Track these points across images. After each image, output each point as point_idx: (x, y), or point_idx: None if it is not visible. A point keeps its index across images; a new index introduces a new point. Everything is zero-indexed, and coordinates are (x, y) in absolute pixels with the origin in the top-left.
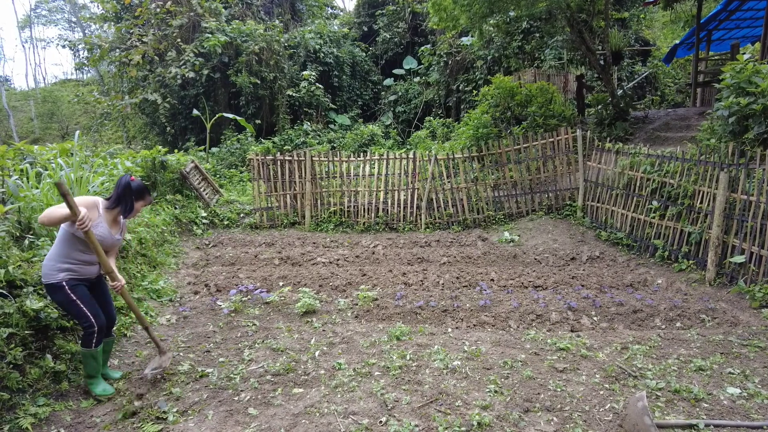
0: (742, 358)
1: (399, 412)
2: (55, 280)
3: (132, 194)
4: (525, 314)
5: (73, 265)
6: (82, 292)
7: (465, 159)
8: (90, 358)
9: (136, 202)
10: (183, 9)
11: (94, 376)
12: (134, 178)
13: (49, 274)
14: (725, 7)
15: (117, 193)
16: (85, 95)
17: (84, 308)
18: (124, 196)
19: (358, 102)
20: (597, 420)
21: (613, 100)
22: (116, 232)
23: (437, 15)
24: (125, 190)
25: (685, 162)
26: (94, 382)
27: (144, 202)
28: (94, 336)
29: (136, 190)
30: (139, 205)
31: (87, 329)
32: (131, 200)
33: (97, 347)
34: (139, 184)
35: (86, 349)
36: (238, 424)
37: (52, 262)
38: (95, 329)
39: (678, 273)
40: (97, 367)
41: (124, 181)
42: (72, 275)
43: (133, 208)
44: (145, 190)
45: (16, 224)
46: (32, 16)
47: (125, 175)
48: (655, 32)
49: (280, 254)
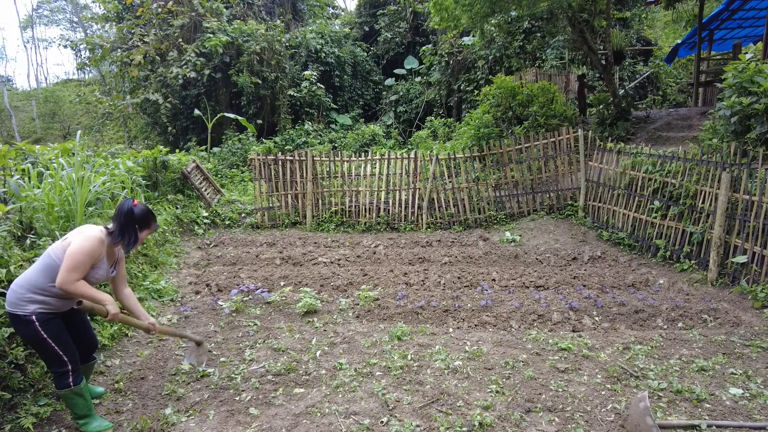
0: (744, 358)
1: (400, 413)
2: (22, 312)
3: (136, 223)
4: (526, 314)
5: (48, 298)
6: (55, 328)
7: (466, 159)
8: (74, 397)
9: (141, 231)
10: (184, 9)
11: (86, 416)
12: (137, 202)
13: (15, 303)
14: (727, 7)
15: (119, 224)
16: (86, 95)
17: (55, 348)
18: (128, 226)
19: (359, 102)
20: (599, 420)
21: (615, 99)
22: (111, 264)
23: (438, 15)
24: (128, 218)
25: (687, 162)
26: (87, 421)
27: (149, 230)
28: (69, 375)
29: (140, 218)
30: (144, 234)
31: (57, 369)
32: (135, 230)
33: (78, 384)
34: (143, 209)
35: (65, 390)
36: (239, 424)
37: (23, 291)
38: (69, 369)
39: (680, 273)
40: (86, 405)
41: (126, 208)
42: (44, 308)
43: (138, 239)
44: (150, 215)
45: (17, 224)
46: (34, 16)
47: (127, 201)
48: (656, 32)
49: (281, 254)
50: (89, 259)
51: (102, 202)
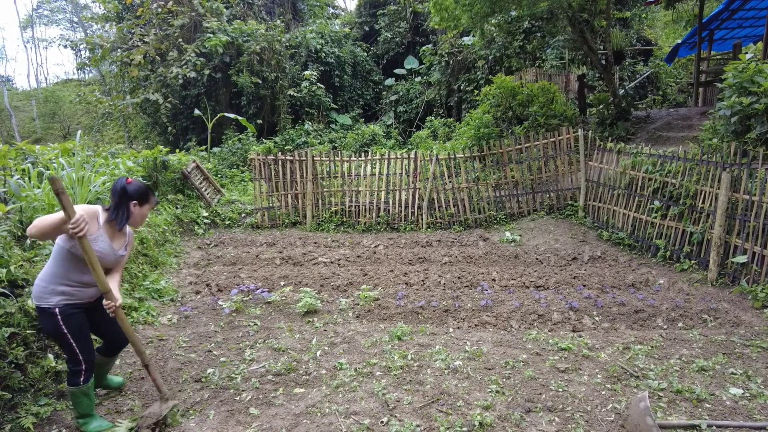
0: (744, 358)
1: (400, 412)
2: (46, 305)
3: (129, 199)
4: (526, 314)
5: (70, 288)
6: (77, 324)
7: (466, 159)
8: (81, 396)
9: (141, 206)
10: (184, 9)
11: (87, 415)
12: (131, 180)
13: (40, 297)
14: (727, 7)
15: (114, 201)
16: (86, 95)
17: (74, 344)
18: (121, 203)
19: (359, 102)
20: (599, 420)
21: (615, 99)
22: (120, 247)
23: (438, 15)
24: (122, 195)
25: (687, 162)
26: (87, 421)
27: (150, 205)
28: (81, 374)
29: (135, 193)
30: (146, 209)
31: (73, 368)
32: (127, 206)
33: (86, 383)
34: (138, 185)
35: (74, 388)
36: (239, 424)
37: (45, 284)
38: (83, 368)
39: (680, 273)
40: (90, 405)
41: (119, 186)
42: (68, 300)
43: (131, 214)
44: (147, 190)
45: (17, 224)
46: (34, 16)
47: (120, 179)
48: (656, 32)
49: (281, 254)
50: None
51: (102, 201)
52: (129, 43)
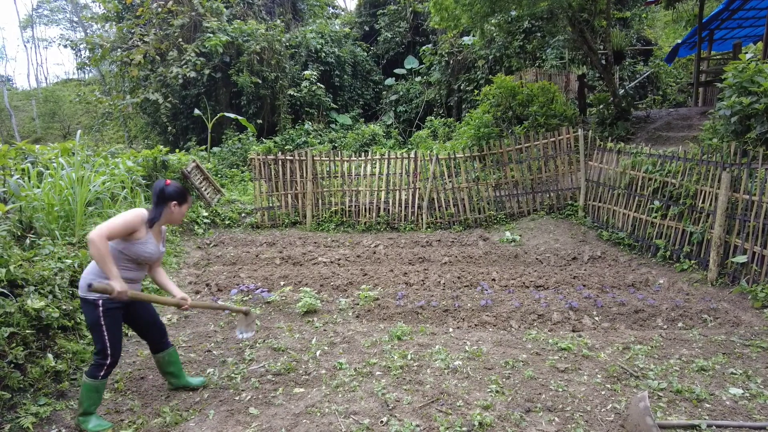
0: (744, 358)
1: (400, 412)
2: (92, 297)
3: (170, 199)
4: (526, 314)
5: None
6: (113, 320)
7: (466, 158)
8: (93, 390)
9: (180, 206)
10: (184, 9)
11: (89, 413)
12: (169, 182)
13: (86, 288)
14: (727, 7)
15: (154, 202)
16: (86, 95)
17: (106, 338)
18: (159, 203)
19: (359, 102)
20: (599, 420)
21: (615, 99)
22: (160, 244)
23: (438, 14)
24: (160, 195)
25: (687, 162)
26: (88, 419)
27: (188, 205)
28: (104, 368)
29: (175, 195)
30: (184, 208)
31: (98, 359)
32: (164, 206)
33: (104, 379)
34: (176, 187)
35: (92, 380)
36: (239, 424)
37: (93, 276)
38: (107, 362)
39: (680, 273)
40: (96, 403)
41: (158, 187)
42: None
43: (171, 213)
44: (185, 191)
45: (17, 223)
46: (34, 16)
47: (160, 181)
48: (656, 32)
49: (281, 254)
50: (123, 226)
51: (102, 201)
52: (129, 43)
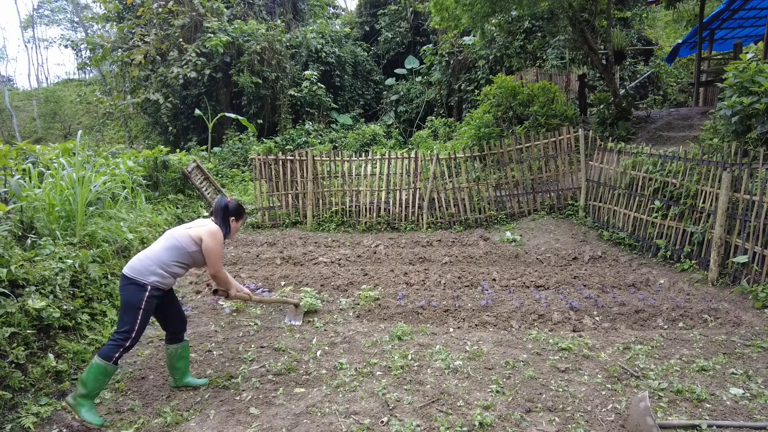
0: (745, 358)
1: (400, 412)
2: (143, 281)
3: (230, 215)
4: (527, 314)
5: (166, 273)
6: (151, 307)
7: (467, 158)
8: (101, 374)
9: (237, 221)
10: (185, 9)
11: (90, 397)
12: (230, 199)
13: (140, 271)
14: (728, 6)
15: (220, 217)
16: (87, 95)
17: (137, 321)
18: (225, 217)
19: (359, 102)
20: (599, 420)
21: (616, 99)
22: None
23: (439, 14)
24: (224, 212)
25: (688, 162)
26: (85, 404)
27: (243, 221)
28: (120, 350)
29: (234, 211)
30: (239, 224)
31: (119, 339)
32: (228, 222)
33: (115, 365)
34: (236, 204)
35: (104, 362)
36: (239, 424)
37: (150, 263)
38: (127, 345)
39: (680, 273)
40: (99, 389)
41: (222, 204)
42: (159, 282)
43: (231, 228)
44: (242, 209)
45: (18, 224)
46: (35, 16)
47: (222, 198)
48: (657, 31)
49: (281, 254)
50: (222, 249)
51: (102, 201)
52: (130, 43)
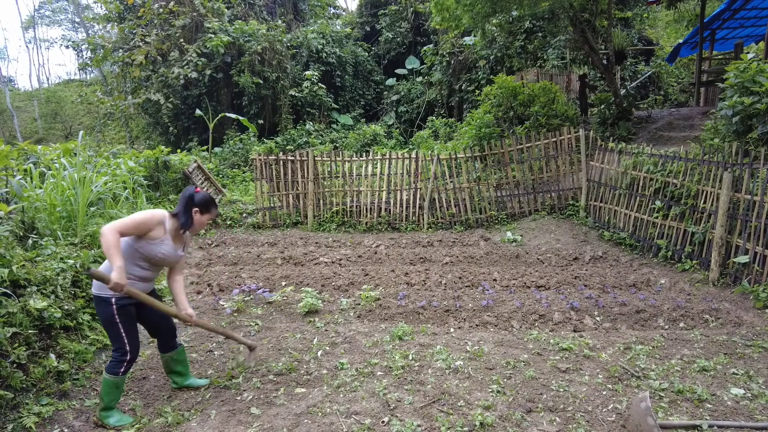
0: (746, 358)
1: (401, 412)
2: (105, 294)
3: (194, 206)
4: (527, 314)
5: (128, 281)
6: (128, 316)
7: (467, 159)
8: (113, 387)
9: (202, 215)
10: (186, 9)
11: (111, 408)
12: (198, 189)
13: (101, 286)
14: (729, 6)
15: (181, 206)
16: (88, 95)
17: (123, 334)
18: (186, 209)
19: (360, 102)
20: (600, 420)
21: (616, 99)
22: (179, 247)
23: (440, 15)
24: (188, 202)
25: (689, 162)
26: (110, 414)
27: (210, 215)
28: (124, 364)
29: (200, 203)
30: (205, 218)
31: (117, 356)
32: (190, 213)
33: (124, 375)
34: (204, 196)
35: (111, 376)
36: (240, 424)
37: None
38: (127, 358)
39: (681, 273)
40: (116, 398)
41: (187, 193)
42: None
43: (193, 221)
44: (210, 202)
45: (19, 224)
46: (36, 17)
47: (190, 187)
48: (658, 31)
49: (282, 254)
50: (134, 225)
51: (104, 202)
52: (130, 44)
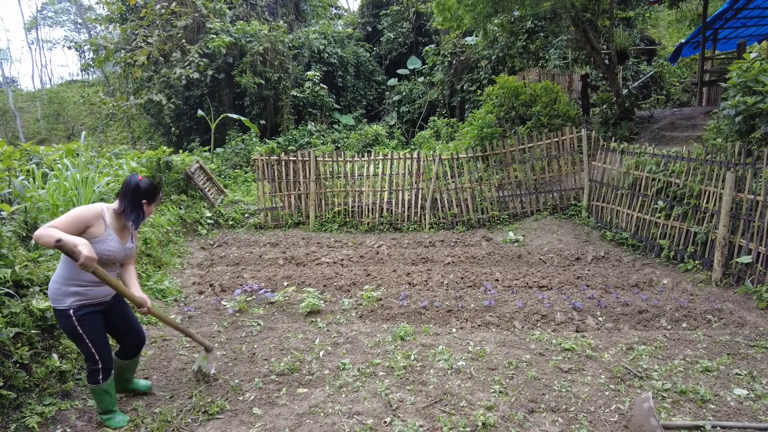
0: (749, 358)
1: (403, 413)
2: (61, 306)
3: (142, 197)
4: (530, 314)
5: (82, 288)
6: (92, 325)
7: (469, 159)
8: (101, 394)
9: (149, 205)
10: (187, 10)
11: (110, 411)
12: (141, 177)
13: (55, 299)
14: (731, 6)
15: (127, 199)
16: (90, 96)
17: (89, 344)
18: (135, 201)
19: (362, 102)
20: (602, 421)
21: (618, 99)
22: (127, 240)
23: (441, 15)
24: (135, 193)
25: (691, 161)
26: (111, 416)
27: (156, 203)
28: (99, 372)
29: (146, 192)
30: (153, 207)
31: (90, 365)
32: (140, 205)
33: (106, 381)
34: (148, 183)
35: (94, 386)
36: (242, 424)
37: (58, 285)
38: (99, 366)
39: (684, 273)
40: (111, 401)
41: (132, 184)
42: (81, 300)
43: (144, 212)
44: (155, 188)
45: (22, 224)
46: (38, 18)
47: (132, 176)
48: (660, 31)
49: (284, 254)
50: (72, 222)
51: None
52: (132, 44)
